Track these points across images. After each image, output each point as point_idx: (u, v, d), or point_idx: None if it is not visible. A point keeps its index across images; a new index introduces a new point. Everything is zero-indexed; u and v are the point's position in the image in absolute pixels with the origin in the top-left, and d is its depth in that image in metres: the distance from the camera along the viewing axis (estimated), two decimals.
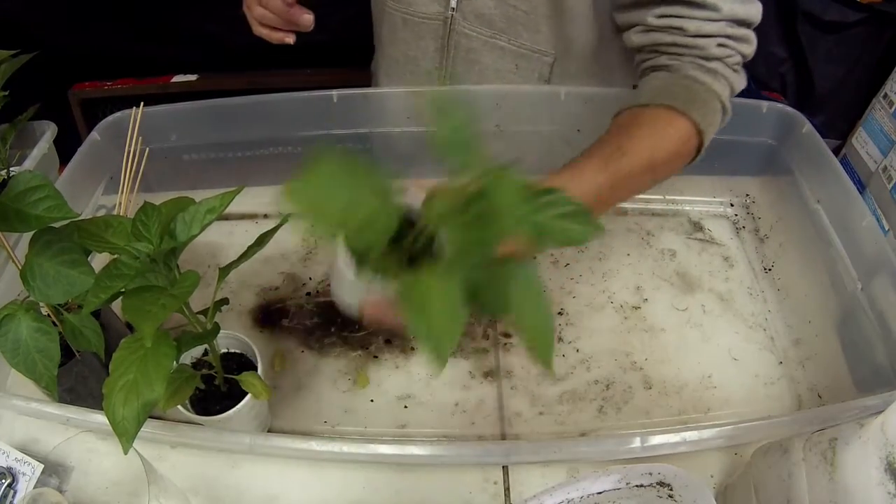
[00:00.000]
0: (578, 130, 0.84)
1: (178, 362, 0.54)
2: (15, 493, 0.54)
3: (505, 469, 0.61)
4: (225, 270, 0.51)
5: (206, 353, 0.61)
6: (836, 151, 1.34)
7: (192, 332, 0.53)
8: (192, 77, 1.39)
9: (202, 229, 0.48)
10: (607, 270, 0.79)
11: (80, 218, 0.49)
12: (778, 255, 0.80)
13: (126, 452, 0.44)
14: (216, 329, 0.54)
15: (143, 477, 0.48)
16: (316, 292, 0.76)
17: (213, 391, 0.59)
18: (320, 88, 0.81)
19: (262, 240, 0.53)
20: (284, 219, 0.54)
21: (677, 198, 0.87)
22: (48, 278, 0.48)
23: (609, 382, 0.68)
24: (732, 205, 0.86)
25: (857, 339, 0.67)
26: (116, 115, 0.79)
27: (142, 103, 0.74)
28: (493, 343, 0.71)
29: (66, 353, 0.56)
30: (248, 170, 0.87)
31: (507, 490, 0.60)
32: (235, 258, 0.52)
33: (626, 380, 0.68)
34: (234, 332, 0.61)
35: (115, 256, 0.47)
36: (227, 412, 0.56)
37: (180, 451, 0.62)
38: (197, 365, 0.60)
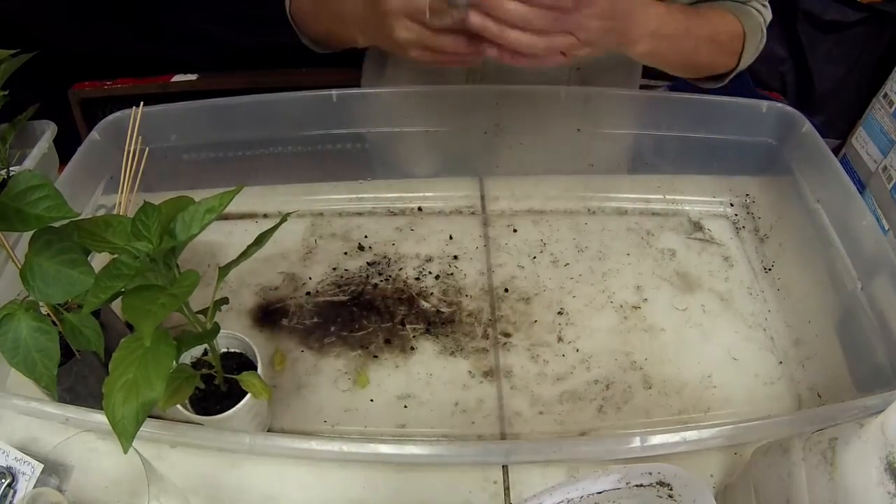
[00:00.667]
0: (578, 130, 0.84)
1: (177, 362, 0.54)
2: (15, 492, 0.54)
3: (505, 469, 0.61)
4: (224, 270, 0.51)
5: (205, 353, 0.61)
6: (836, 151, 1.34)
7: (192, 332, 0.53)
8: (192, 77, 1.39)
9: (202, 229, 0.48)
10: (607, 270, 0.79)
11: (79, 217, 0.49)
12: (778, 254, 0.80)
13: (126, 452, 0.44)
14: (216, 329, 0.54)
15: (143, 476, 0.48)
16: (316, 292, 0.76)
17: (213, 391, 0.59)
18: (320, 88, 0.81)
19: (261, 239, 0.52)
20: (284, 218, 0.54)
21: (677, 197, 0.87)
22: (48, 278, 0.48)
23: (609, 382, 0.68)
24: (732, 204, 0.86)
25: (857, 338, 0.67)
26: (116, 114, 0.79)
27: (142, 103, 0.74)
28: (493, 343, 0.71)
29: (66, 353, 0.56)
30: (247, 169, 0.87)
31: (506, 490, 0.60)
32: (235, 258, 0.52)
33: (625, 379, 0.68)
34: (234, 332, 0.61)
35: (115, 256, 0.47)
36: (227, 412, 0.56)
37: (180, 450, 0.62)
38: (197, 364, 0.60)
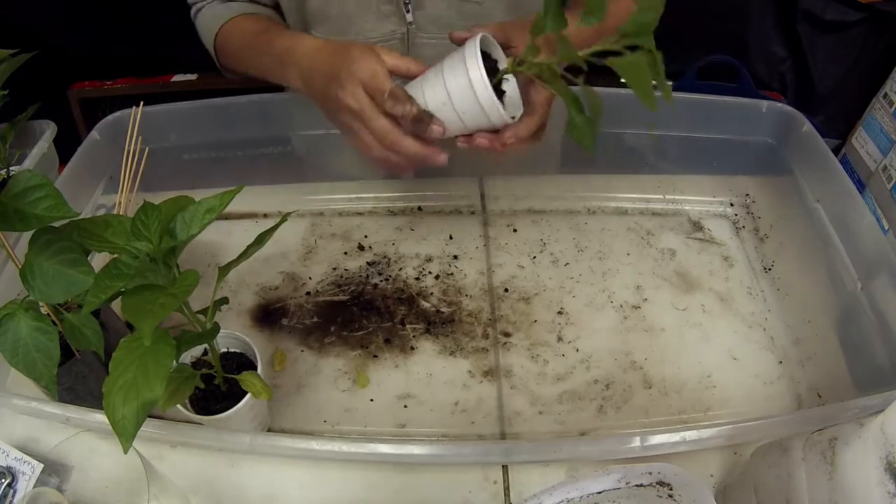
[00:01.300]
0: None
1: (177, 362, 0.54)
2: (14, 492, 0.54)
3: (504, 468, 0.61)
4: (224, 270, 0.51)
5: (205, 353, 0.61)
6: (836, 151, 1.34)
7: (192, 332, 0.53)
8: (192, 76, 1.39)
9: (202, 228, 0.48)
10: (607, 270, 0.79)
11: (79, 217, 0.49)
12: (778, 254, 0.80)
13: (126, 452, 0.44)
14: (216, 328, 0.54)
15: (143, 476, 0.48)
16: (316, 292, 0.76)
17: (213, 391, 0.59)
18: None
19: (261, 239, 0.52)
20: (284, 218, 0.54)
21: (677, 197, 0.87)
22: (48, 277, 0.48)
23: (609, 382, 0.68)
24: (732, 204, 0.86)
25: (857, 338, 0.67)
26: (116, 114, 0.79)
27: (141, 103, 0.74)
28: (493, 343, 0.71)
29: (66, 353, 0.56)
30: (247, 169, 0.87)
31: (506, 489, 0.60)
32: (235, 257, 0.52)
33: (625, 379, 0.68)
34: (234, 332, 0.61)
35: (115, 256, 0.47)
36: (227, 412, 0.56)
37: (180, 450, 0.62)
38: (196, 364, 0.60)
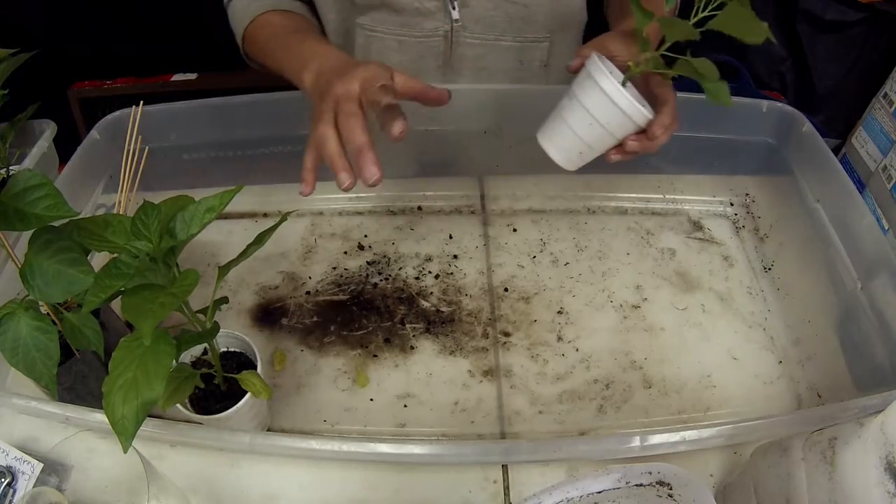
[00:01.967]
0: None
1: (177, 361, 0.54)
2: (14, 491, 0.54)
3: (504, 468, 0.61)
4: (224, 269, 0.51)
5: (205, 352, 0.61)
6: (836, 151, 1.34)
7: (192, 331, 0.53)
8: (192, 76, 1.39)
9: (201, 228, 0.48)
10: (607, 270, 0.79)
11: (79, 217, 0.49)
12: (777, 254, 0.80)
13: (125, 451, 0.44)
14: (216, 328, 0.54)
15: (143, 476, 0.48)
16: (315, 291, 0.76)
17: (213, 390, 0.59)
18: None
19: (261, 238, 0.52)
20: (284, 217, 0.54)
21: (677, 197, 0.87)
22: (48, 277, 0.48)
23: (609, 382, 0.68)
24: (732, 204, 0.86)
25: (857, 338, 0.67)
26: (116, 113, 0.79)
27: (141, 102, 0.74)
28: (493, 342, 0.71)
29: (66, 352, 0.56)
30: (247, 169, 0.87)
31: (506, 489, 0.60)
32: (235, 257, 0.52)
33: (625, 379, 0.68)
34: (234, 331, 0.61)
35: (115, 255, 0.47)
36: (227, 411, 0.56)
37: (180, 450, 0.62)
38: (196, 364, 0.60)
